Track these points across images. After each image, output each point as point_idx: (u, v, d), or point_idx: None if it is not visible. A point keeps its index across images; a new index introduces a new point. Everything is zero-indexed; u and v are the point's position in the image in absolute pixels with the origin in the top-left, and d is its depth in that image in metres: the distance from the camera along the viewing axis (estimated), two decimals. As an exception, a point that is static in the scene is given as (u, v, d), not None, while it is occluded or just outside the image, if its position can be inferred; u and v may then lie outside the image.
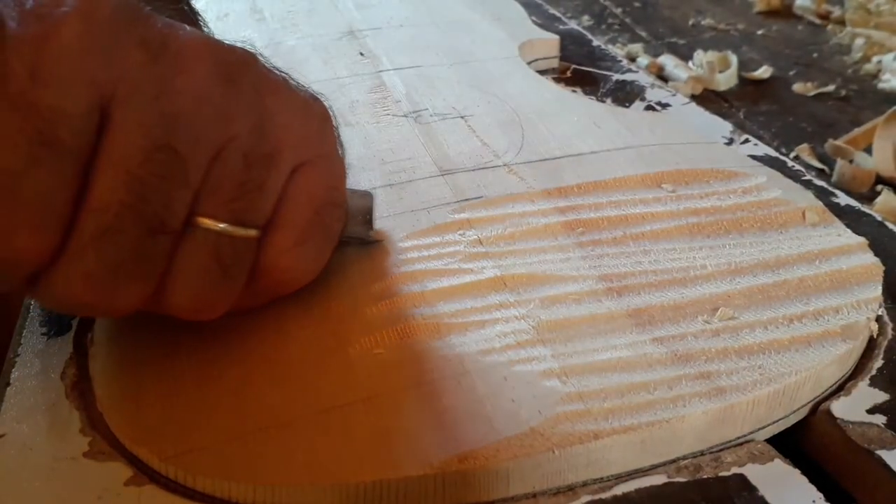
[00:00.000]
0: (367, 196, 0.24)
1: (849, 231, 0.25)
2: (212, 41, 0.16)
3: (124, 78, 0.14)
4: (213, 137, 0.15)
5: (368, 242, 0.23)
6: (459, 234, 0.24)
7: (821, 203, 0.26)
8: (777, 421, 0.20)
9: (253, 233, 0.17)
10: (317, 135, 0.18)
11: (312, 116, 0.18)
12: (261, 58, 0.17)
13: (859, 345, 0.21)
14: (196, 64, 0.15)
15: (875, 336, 0.22)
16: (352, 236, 0.22)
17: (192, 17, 0.23)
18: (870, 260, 0.24)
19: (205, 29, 0.24)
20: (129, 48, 0.14)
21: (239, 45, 0.17)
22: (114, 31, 0.14)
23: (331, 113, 0.19)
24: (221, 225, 0.16)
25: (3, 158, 0.13)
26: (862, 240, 0.24)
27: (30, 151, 0.13)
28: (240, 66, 0.16)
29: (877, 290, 0.22)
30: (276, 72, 0.18)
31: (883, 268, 0.23)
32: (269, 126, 0.16)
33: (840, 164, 0.34)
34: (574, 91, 0.37)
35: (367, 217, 0.23)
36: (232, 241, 0.16)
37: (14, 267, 0.14)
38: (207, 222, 0.16)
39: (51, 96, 0.13)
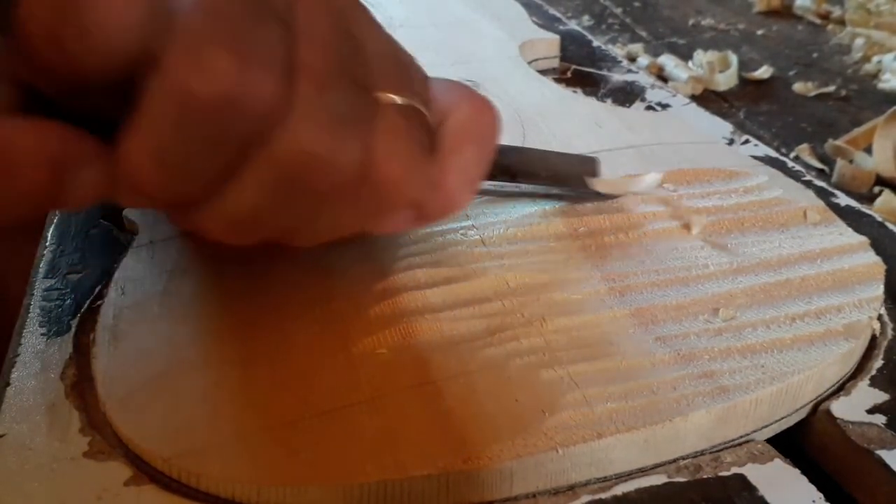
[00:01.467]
0: (592, 161, 0.25)
1: (850, 230, 0.25)
2: None
3: None
4: (367, 32, 0.17)
5: (603, 197, 0.25)
6: (461, 235, 0.24)
7: (822, 202, 0.26)
8: (779, 420, 0.20)
9: (425, 109, 0.18)
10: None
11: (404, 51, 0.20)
12: None
13: (861, 343, 0.21)
14: None
15: (877, 335, 0.22)
16: (584, 190, 0.24)
17: None
18: (871, 259, 0.24)
19: None
20: None
21: None
22: None
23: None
24: (401, 100, 0.17)
25: (229, 7, 0.14)
26: (863, 239, 0.24)
27: (258, 15, 0.14)
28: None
29: (879, 289, 0.22)
30: None
31: (885, 267, 0.23)
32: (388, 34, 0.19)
33: (840, 164, 0.34)
34: (574, 92, 0.37)
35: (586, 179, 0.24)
36: (416, 111, 0.18)
37: (253, 112, 0.14)
38: (390, 96, 0.17)
39: None
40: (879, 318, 0.22)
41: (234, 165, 0.15)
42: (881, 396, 0.20)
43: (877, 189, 0.33)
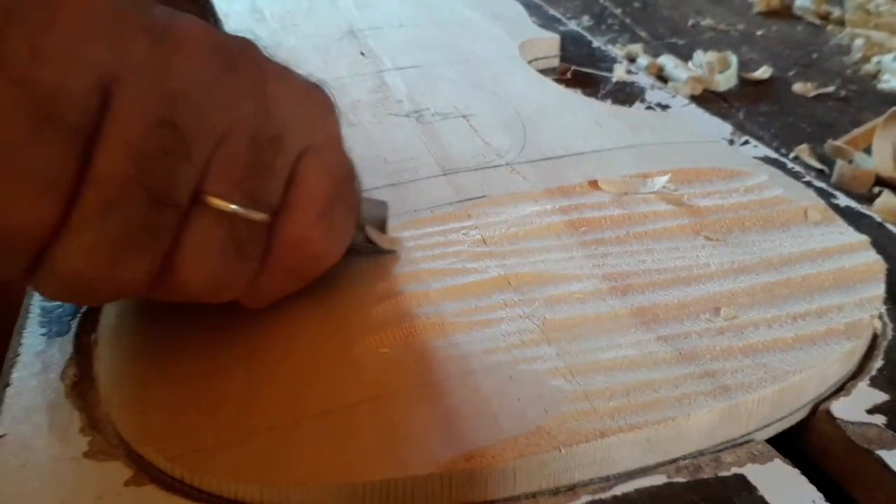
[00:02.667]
0: (382, 205, 0.23)
1: (851, 229, 0.25)
2: (212, 29, 0.16)
3: (125, 60, 0.14)
4: (215, 117, 0.15)
5: (382, 252, 0.23)
6: (463, 234, 0.24)
7: (823, 202, 0.26)
8: (780, 419, 0.20)
9: (263, 216, 0.17)
10: (320, 119, 0.18)
11: (314, 103, 0.18)
12: (260, 47, 0.17)
13: (863, 342, 0.21)
14: (196, 48, 0.15)
15: (878, 334, 0.22)
16: (364, 245, 0.22)
17: (208, 13, 0.23)
18: (872, 258, 0.24)
19: (222, 25, 0.24)
20: (130, 33, 0.15)
21: (240, 35, 0.17)
22: (116, 16, 0.14)
23: (333, 101, 0.19)
24: (233, 206, 0.16)
25: (4, 131, 0.13)
26: (864, 238, 0.24)
27: (30, 125, 0.13)
28: (239, 52, 0.16)
29: (879, 288, 0.22)
30: (276, 62, 0.18)
31: (886, 266, 0.23)
32: (273, 110, 0.17)
33: (840, 164, 0.34)
34: (574, 92, 0.37)
35: (381, 226, 0.23)
36: (245, 221, 0.16)
37: (16, 241, 0.14)
38: (218, 202, 0.16)
39: (52, 74, 0.13)
40: (880, 317, 0.22)
41: (28, 268, 0.15)
42: (881, 397, 0.20)
43: (876, 189, 0.33)
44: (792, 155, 0.35)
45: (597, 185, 0.27)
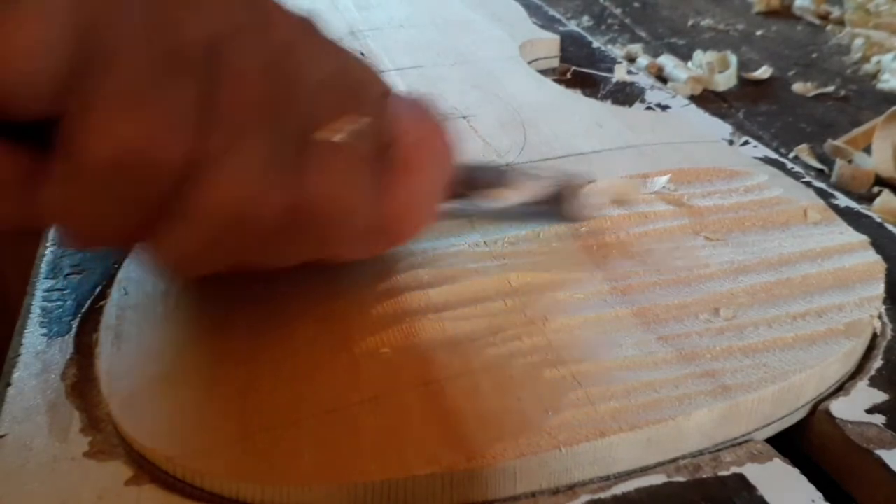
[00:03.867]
0: (500, 172, 0.24)
1: (850, 229, 0.25)
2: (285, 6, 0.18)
3: (230, 22, 0.16)
4: (309, 67, 0.17)
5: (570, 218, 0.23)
6: (463, 234, 0.24)
7: (822, 201, 0.26)
8: (780, 419, 0.20)
9: (371, 130, 0.18)
10: (380, 74, 0.20)
11: (368, 63, 0.19)
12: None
13: (863, 342, 0.21)
14: (281, 13, 0.17)
15: (878, 333, 0.22)
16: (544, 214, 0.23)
17: None
18: (872, 258, 0.24)
19: None
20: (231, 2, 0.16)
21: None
22: None
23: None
24: (345, 130, 0.17)
25: (144, 73, 0.14)
26: (864, 237, 0.24)
27: (166, 72, 0.14)
28: (311, 22, 0.18)
29: (879, 288, 0.22)
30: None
31: (885, 265, 0.23)
32: (350, 63, 0.18)
33: (839, 164, 0.34)
34: (574, 92, 0.37)
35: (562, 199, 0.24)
36: (355, 147, 0.17)
37: (159, 166, 0.15)
38: (329, 130, 0.17)
39: (170, 34, 0.15)
40: (879, 317, 0.22)
41: (158, 215, 0.15)
42: (880, 396, 0.20)
43: (876, 189, 0.33)
44: (792, 155, 0.35)
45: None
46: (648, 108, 0.36)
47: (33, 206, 0.15)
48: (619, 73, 0.40)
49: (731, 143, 0.32)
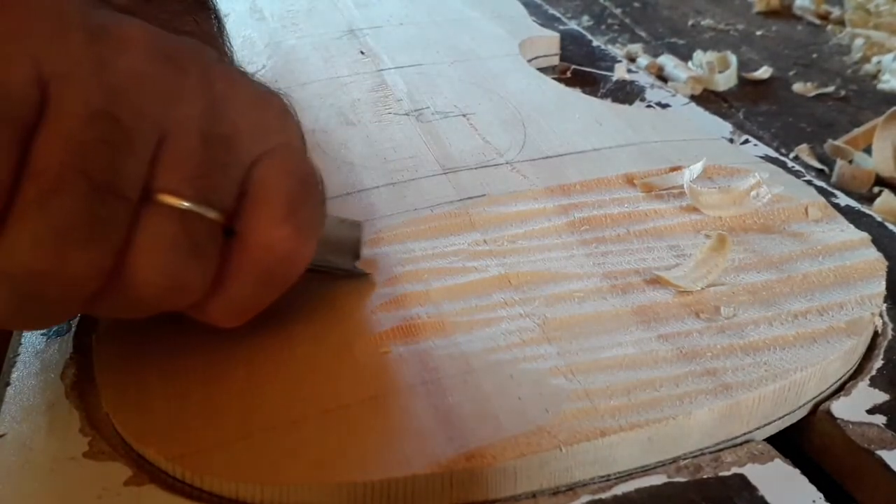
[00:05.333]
0: (356, 227, 0.22)
1: (851, 227, 0.25)
2: (154, 29, 0.16)
3: (63, 56, 0.14)
4: (158, 112, 0.15)
5: (355, 275, 0.22)
6: (463, 233, 0.24)
7: (823, 199, 0.26)
8: (781, 417, 0.20)
9: (216, 215, 0.16)
10: (276, 125, 0.18)
11: (269, 108, 0.18)
12: (210, 51, 0.17)
13: (864, 340, 0.21)
14: (136, 45, 0.15)
15: (879, 331, 0.22)
16: (338, 268, 0.21)
17: (216, 29, 0.23)
18: (873, 255, 0.24)
19: (227, 44, 0.24)
20: (68, 30, 0.15)
21: (188, 41, 0.17)
22: (53, 13, 0.15)
23: (291, 108, 0.18)
24: (186, 203, 0.16)
25: None
26: (865, 235, 0.24)
27: None
28: (184, 52, 0.16)
29: (880, 286, 0.22)
30: (230, 66, 0.18)
31: (886, 263, 0.23)
32: (223, 110, 0.16)
33: (840, 164, 0.34)
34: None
35: (356, 249, 0.22)
36: (200, 219, 0.16)
37: None
38: (170, 199, 0.15)
39: None
40: (880, 315, 0.22)
41: None
42: (881, 397, 0.20)
43: (876, 189, 0.33)
44: (792, 155, 0.35)
45: (597, 184, 0.27)
46: (648, 106, 0.36)
47: None
48: (619, 72, 0.40)
49: (731, 141, 0.32)
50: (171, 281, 0.16)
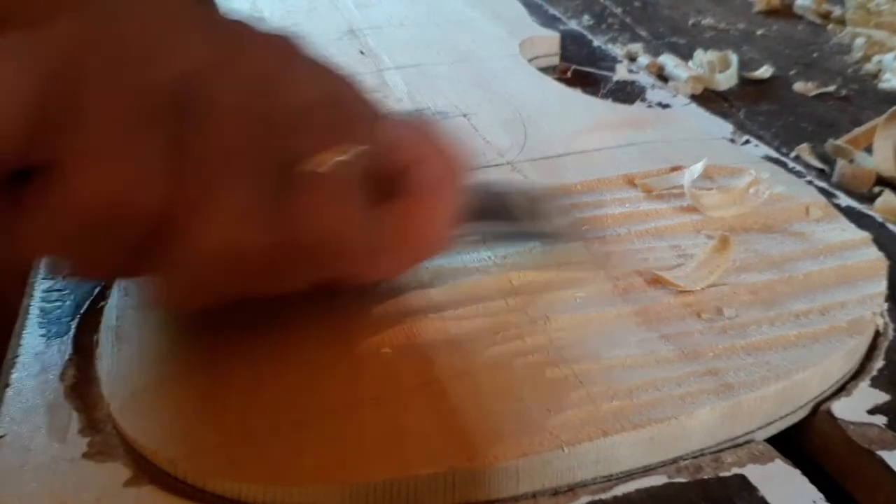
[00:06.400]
0: (534, 196, 0.23)
1: (852, 226, 0.25)
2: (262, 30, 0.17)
3: (198, 58, 0.16)
4: (287, 98, 0.16)
5: (555, 237, 0.23)
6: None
7: (824, 199, 0.26)
8: (783, 417, 0.20)
9: (358, 158, 0.17)
10: (372, 102, 0.19)
11: (360, 90, 0.19)
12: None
13: (865, 340, 0.21)
14: (255, 42, 0.17)
15: (881, 331, 0.22)
16: (533, 232, 0.22)
17: None
18: (874, 255, 0.24)
19: None
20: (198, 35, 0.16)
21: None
22: (186, 25, 0.16)
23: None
24: (330, 160, 0.16)
25: (119, 120, 0.14)
26: (866, 234, 0.24)
27: (137, 125, 0.15)
28: (291, 45, 0.18)
29: (882, 285, 0.22)
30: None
31: (887, 262, 0.23)
32: (336, 89, 0.18)
33: (840, 164, 0.34)
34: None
35: (539, 214, 0.23)
36: (342, 178, 0.17)
37: (132, 214, 0.15)
38: (313, 161, 0.16)
39: (139, 80, 0.15)
40: (881, 315, 0.22)
41: (143, 256, 0.16)
42: (882, 397, 0.20)
43: (877, 189, 0.33)
44: (793, 154, 0.35)
45: (598, 184, 0.27)
46: (649, 106, 0.36)
47: (15, 243, 0.15)
48: (620, 72, 0.40)
49: (731, 141, 0.32)
50: (340, 234, 0.17)
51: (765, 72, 0.43)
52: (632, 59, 0.44)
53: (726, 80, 0.42)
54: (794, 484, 0.17)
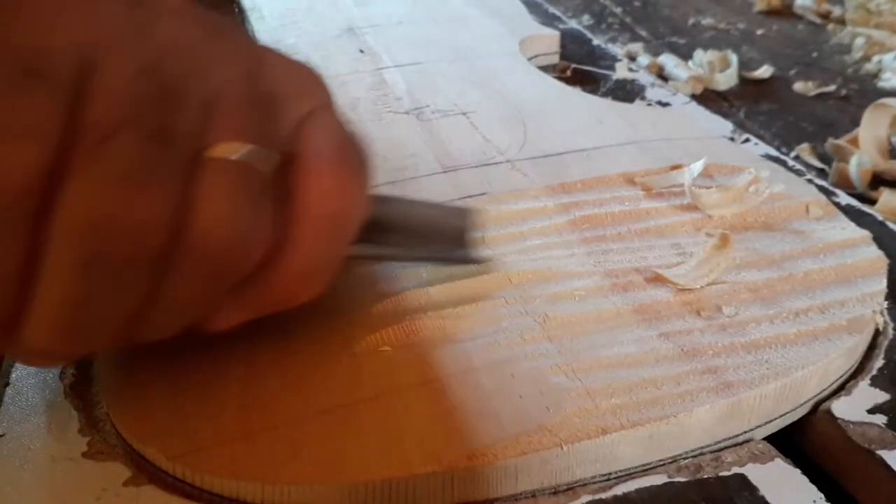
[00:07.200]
0: (461, 214, 0.21)
1: (852, 224, 0.25)
2: (192, 2, 0.17)
3: (105, 22, 0.15)
4: (202, 71, 0.16)
5: (463, 262, 0.21)
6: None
7: (824, 197, 0.26)
8: (782, 415, 0.20)
9: (265, 167, 0.16)
10: (315, 87, 0.18)
11: (306, 73, 0.18)
12: (241, 26, 0.18)
13: (865, 338, 0.21)
14: (174, 11, 0.16)
15: (880, 329, 0.22)
16: (440, 256, 0.21)
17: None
18: (874, 253, 0.24)
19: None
20: (108, 2, 0.15)
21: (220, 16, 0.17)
22: None
23: (322, 76, 0.19)
24: (239, 153, 0.16)
25: None
26: (866, 233, 0.24)
27: (11, 79, 0.14)
28: (224, 23, 0.17)
29: (882, 283, 0.22)
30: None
31: (887, 261, 0.23)
32: (264, 72, 0.17)
33: (836, 165, 0.34)
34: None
35: (460, 236, 0.21)
36: (252, 170, 0.16)
37: (10, 191, 0.13)
38: (223, 149, 0.16)
39: (33, 39, 0.14)
40: (881, 314, 0.22)
41: (28, 255, 0.14)
42: (882, 396, 0.20)
43: (878, 189, 0.33)
44: (793, 154, 0.35)
45: (598, 182, 0.27)
46: (649, 105, 0.36)
47: None
48: (620, 71, 0.40)
49: (731, 140, 0.32)
50: (232, 230, 0.16)
51: (765, 72, 0.43)
52: (632, 58, 0.44)
53: (726, 79, 0.42)
54: (794, 483, 0.17)
